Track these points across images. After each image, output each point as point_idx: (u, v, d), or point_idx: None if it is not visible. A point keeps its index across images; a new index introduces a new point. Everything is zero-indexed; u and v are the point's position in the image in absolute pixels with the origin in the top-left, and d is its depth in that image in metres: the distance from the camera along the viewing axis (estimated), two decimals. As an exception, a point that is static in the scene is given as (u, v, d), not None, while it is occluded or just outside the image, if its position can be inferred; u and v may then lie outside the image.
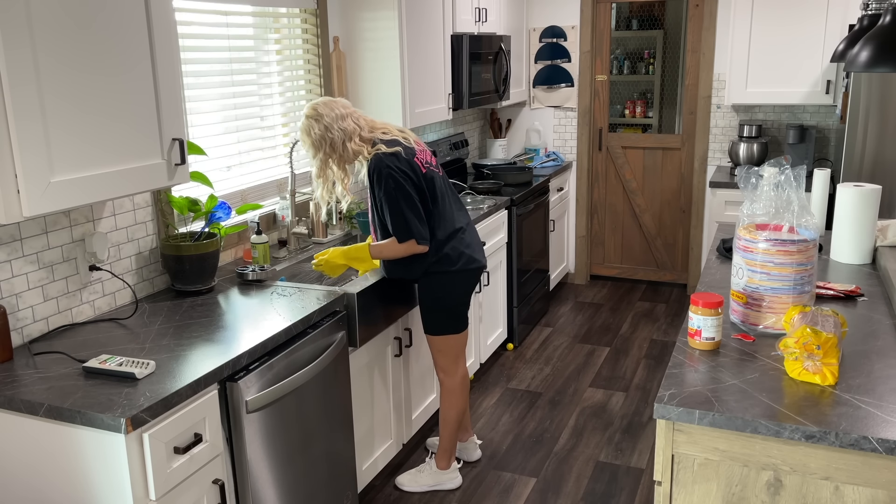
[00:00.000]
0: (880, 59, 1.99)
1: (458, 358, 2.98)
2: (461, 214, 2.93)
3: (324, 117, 2.67)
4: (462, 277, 2.88)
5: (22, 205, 1.80)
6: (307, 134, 2.70)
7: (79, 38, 1.90)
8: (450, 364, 2.97)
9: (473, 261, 2.89)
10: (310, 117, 2.69)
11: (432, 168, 2.82)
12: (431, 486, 3.09)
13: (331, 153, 2.70)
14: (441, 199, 2.82)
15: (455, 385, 3.00)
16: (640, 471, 3.25)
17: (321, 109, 2.69)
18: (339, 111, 2.70)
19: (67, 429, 1.83)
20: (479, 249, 2.96)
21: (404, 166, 2.68)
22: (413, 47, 3.72)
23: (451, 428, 3.06)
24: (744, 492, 1.70)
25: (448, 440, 3.08)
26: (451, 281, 2.85)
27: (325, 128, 2.66)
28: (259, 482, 2.23)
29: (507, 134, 5.76)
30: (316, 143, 2.69)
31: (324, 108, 2.69)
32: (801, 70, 4.59)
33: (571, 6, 5.40)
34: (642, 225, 5.67)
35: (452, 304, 2.90)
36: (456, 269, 2.84)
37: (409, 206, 2.68)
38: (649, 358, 4.43)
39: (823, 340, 1.76)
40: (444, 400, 3.03)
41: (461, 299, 2.92)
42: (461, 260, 2.85)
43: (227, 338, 2.23)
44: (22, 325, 2.22)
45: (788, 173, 2.03)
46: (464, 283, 2.90)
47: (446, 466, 3.10)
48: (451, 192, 2.93)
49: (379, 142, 2.71)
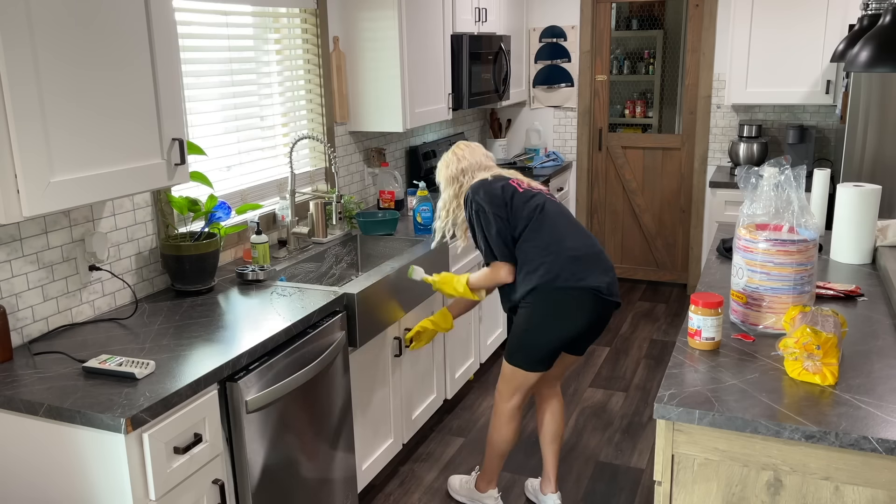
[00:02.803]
0: (880, 59, 1.99)
1: (516, 391, 2.77)
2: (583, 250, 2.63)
3: (465, 159, 2.78)
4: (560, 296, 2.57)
5: (22, 205, 1.80)
6: (446, 167, 2.81)
7: (79, 38, 1.90)
8: (506, 391, 2.81)
9: (577, 278, 2.56)
10: (454, 153, 2.82)
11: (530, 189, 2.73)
12: (466, 498, 3.04)
13: (458, 193, 2.78)
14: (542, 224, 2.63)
15: (503, 410, 2.83)
16: (640, 471, 3.25)
17: (463, 152, 2.81)
18: (479, 160, 2.80)
19: (67, 429, 1.83)
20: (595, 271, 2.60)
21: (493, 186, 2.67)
22: (413, 47, 3.72)
23: (494, 452, 2.92)
24: (744, 492, 1.70)
25: (489, 464, 2.95)
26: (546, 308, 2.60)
27: (462, 171, 2.77)
28: (259, 482, 2.23)
29: (507, 134, 5.76)
30: (449, 179, 2.79)
31: (466, 150, 2.82)
32: (801, 70, 4.59)
33: (571, 6, 5.40)
34: (642, 225, 5.67)
35: (538, 339, 2.64)
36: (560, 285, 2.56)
37: (491, 229, 2.64)
38: (649, 358, 4.43)
39: (823, 340, 1.76)
40: (492, 421, 2.90)
41: (551, 337, 2.62)
42: (559, 276, 2.56)
43: (227, 338, 2.23)
44: (22, 325, 2.22)
45: (788, 173, 2.03)
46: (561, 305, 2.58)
47: (483, 490, 2.99)
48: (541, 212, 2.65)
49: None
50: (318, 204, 3.30)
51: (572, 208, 5.70)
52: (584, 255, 2.60)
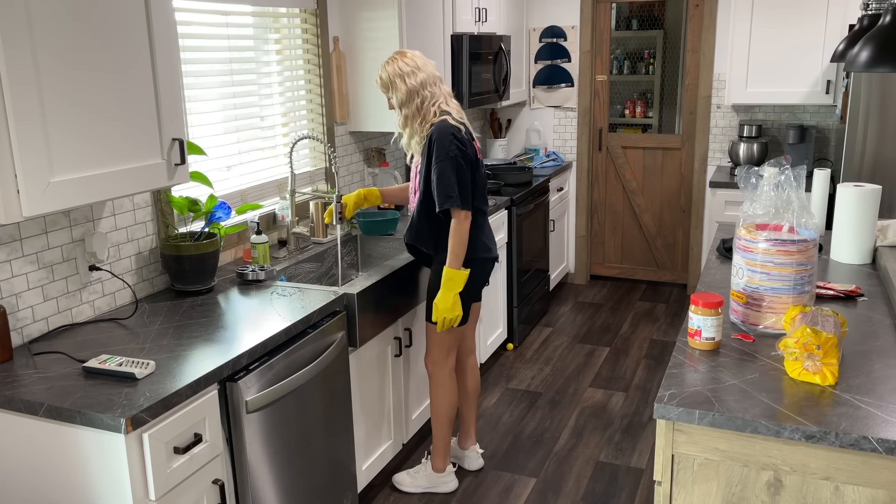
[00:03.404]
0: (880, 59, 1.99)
1: (451, 350, 2.97)
2: (485, 207, 2.94)
3: (421, 70, 2.73)
4: (481, 267, 2.88)
5: (22, 205, 1.80)
6: (403, 80, 2.72)
7: (79, 38, 1.90)
8: (441, 355, 2.95)
9: (490, 251, 2.89)
10: (408, 64, 2.73)
11: (479, 158, 2.88)
12: (426, 487, 3.08)
13: (418, 110, 2.74)
14: (478, 188, 2.85)
15: (444, 376, 2.97)
16: (640, 471, 3.25)
17: (419, 62, 2.75)
18: (432, 71, 2.77)
19: (67, 429, 1.83)
20: (495, 242, 2.98)
21: (465, 139, 2.75)
22: (413, 47, 3.72)
23: (442, 423, 3.02)
24: (744, 492, 1.70)
25: (440, 438, 3.04)
26: (471, 269, 2.84)
27: (421, 83, 2.72)
28: (259, 482, 2.23)
29: (507, 134, 5.76)
30: (410, 93, 2.73)
31: (420, 60, 2.76)
32: (801, 70, 4.59)
33: (571, 6, 5.40)
34: (642, 225, 5.67)
35: (466, 294, 2.86)
36: (478, 257, 2.84)
37: (461, 175, 2.71)
38: (649, 358, 4.43)
39: (823, 340, 1.76)
40: (434, 392, 3.00)
41: (475, 290, 2.91)
42: (481, 249, 2.86)
43: (227, 338, 2.23)
44: (22, 325, 2.22)
45: (788, 173, 2.03)
46: (480, 274, 2.90)
47: (441, 468, 3.07)
48: (484, 185, 2.93)
49: (450, 115, 2.77)
50: (318, 204, 3.30)
51: (572, 208, 5.70)
52: (487, 209, 2.92)
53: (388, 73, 2.76)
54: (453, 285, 2.77)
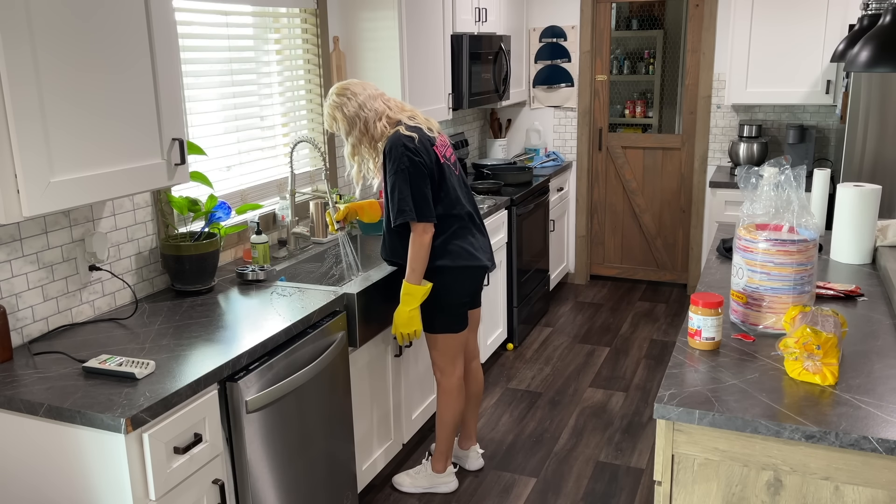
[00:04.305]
0: (880, 59, 1.99)
1: (455, 358, 2.96)
2: (473, 214, 2.89)
3: (357, 96, 2.71)
4: (465, 275, 2.85)
5: (22, 205, 1.80)
6: (340, 111, 2.71)
7: (79, 37, 1.90)
8: (447, 364, 2.96)
9: (476, 259, 2.84)
10: (341, 95, 2.71)
11: (449, 163, 2.81)
12: (426, 488, 3.08)
13: (364, 132, 2.73)
14: (449, 193, 2.78)
15: (452, 385, 2.98)
16: (640, 471, 3.25)
17: (355, 88, 2.73)
18: (371, 91, 2.75)
19: (67, 429, 1.83)
20: (486, 250, 2.92)
21: (420, 148, 2.68)
22: (413, 47, 3.72)
23: (447, 430, 3.04)
24: (744, 492, 1.70)
25: (444, 442, 3.06)
26: (452, 278, 2.83)
27: (358, 106, 2.70)
28: (259, 482, 2.23)
29: (507, 134, 5.76)
30: (350, 120, 2.71)
31: (357, 87, 2.74)
32: (801, 70, 4.59)
33: (571, 6, 5.40)
34: (642, 225, 5.67)
35: (453, 303, 2.88)
36: (457, 265, 2.80)
37: (415, 186, 2.65)
38: (649, 358, 4.43)
39: (823, 340, 1.76)
40: (441, 401, 3.01)
41: (462, 299, 2.90)
42: (463, 257, 2.81)
43: (227, 338, 2.23)
44: (22, 325, 2.22)
45: (788, 173, 2.03)
46: (466, 282, 2.87)
47: (442, 469, 3.08)
48: (465, 190, 2.89)
49: (402, 124, 2.73)
50: (318, 204, 3.30)
51: (572, 208, 5.70)
52: (468, 213, 2.85)
53: (326, 112, 2.77)
54: (410, 300, 2.75)
